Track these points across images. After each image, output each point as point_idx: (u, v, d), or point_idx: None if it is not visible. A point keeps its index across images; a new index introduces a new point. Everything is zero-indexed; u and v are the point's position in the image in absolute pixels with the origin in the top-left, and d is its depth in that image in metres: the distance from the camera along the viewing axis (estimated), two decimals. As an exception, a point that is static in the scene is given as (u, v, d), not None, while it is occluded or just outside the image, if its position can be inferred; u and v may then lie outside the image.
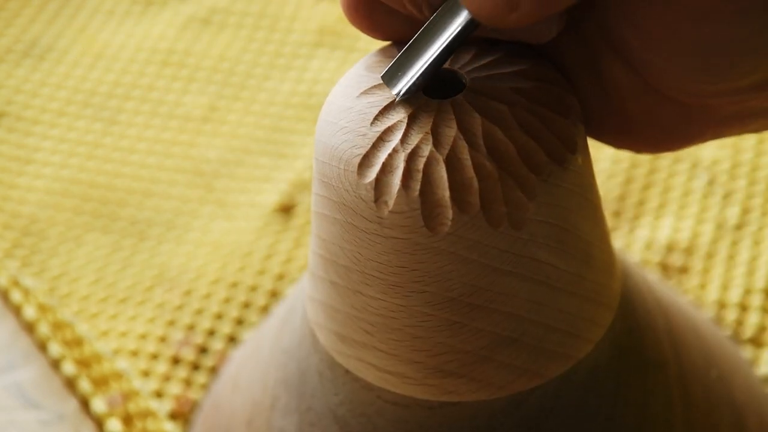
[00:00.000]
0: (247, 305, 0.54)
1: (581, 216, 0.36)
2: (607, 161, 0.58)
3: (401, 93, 0.35)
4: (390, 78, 0.35)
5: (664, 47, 0.33)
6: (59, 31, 0.67)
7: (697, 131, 0.36)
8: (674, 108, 0.35)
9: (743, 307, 0.52)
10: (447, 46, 0.34)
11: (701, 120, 0.35)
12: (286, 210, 0.58)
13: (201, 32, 0.67)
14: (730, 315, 0.51)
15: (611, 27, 0.34)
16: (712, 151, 0.58)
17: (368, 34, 0.36)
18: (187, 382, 0.51)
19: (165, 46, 0.66)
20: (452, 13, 0.34)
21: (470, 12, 0.33)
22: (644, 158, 0.58)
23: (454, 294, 0.35)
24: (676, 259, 0.54)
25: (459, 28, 0.34)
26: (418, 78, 0.34)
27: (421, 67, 0.34)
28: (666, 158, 0.58)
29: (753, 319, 0.51)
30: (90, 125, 0.62)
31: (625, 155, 0.58)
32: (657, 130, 0.36)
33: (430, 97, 0.35)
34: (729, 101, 0.34)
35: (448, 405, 0.38)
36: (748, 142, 0.58)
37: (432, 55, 0.34)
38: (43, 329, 0.51)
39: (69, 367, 0.50)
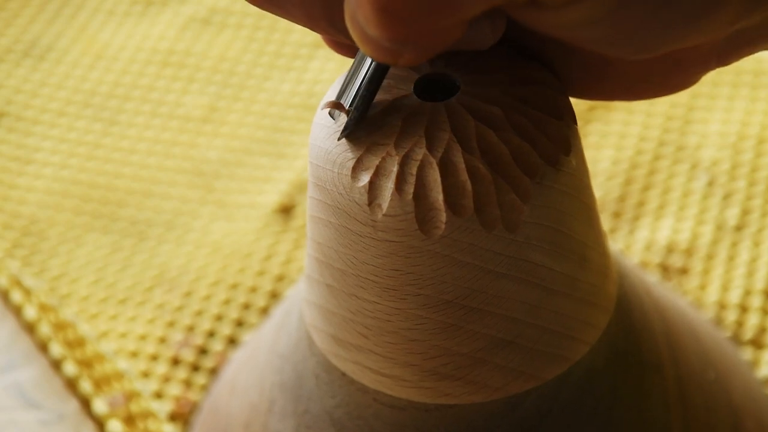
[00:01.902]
0: (246, 306, 0.54)
1: (576, 218, 0.36)
2: (606, 162, 0.58)
3: (343, 129, 0.35)
4: (335, 112, 0.35)
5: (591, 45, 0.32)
6: (59, 31, 0.67)
7: (700, 66, 0.35)
8: (662, 60, 0.34)
9: (743, 309, 0.52)
10: (368, 79, 0.34)
11: (696, 58, 0.34)
12: (286, 211, 0.58)
13: (201, 32, 0.67)
14: (730, 316, 0.51)
15: None
16: (712, 151, 0.58)
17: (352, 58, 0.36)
18: (187, 384, 0.51)
19: (165, 47, 0.66)
20: None
21: None
22: (644, 159, 0.58)
23: (449, 297, 0.35)
24: (675, 261, 0.54)
25: (372, 66, 0.34)
26: (353, 115, 0.34)
27: (353, 102, 0.34)
28: (666, 159, 0.58)
29: (753, 321, 0.51)
30: (90, 125, 0.62)
31: (625, 156, 0.58)
32: (657, 79, 0.35)
33: (424, 99, 0.35)
34: (708, 40, 0.33)
35: (445, 407, 0.38)
36: (748, 142, 0.58)
37: (358, 92, 0.34)
38: (44, 329, 0.51)
39: (70, 368, 0.50)
